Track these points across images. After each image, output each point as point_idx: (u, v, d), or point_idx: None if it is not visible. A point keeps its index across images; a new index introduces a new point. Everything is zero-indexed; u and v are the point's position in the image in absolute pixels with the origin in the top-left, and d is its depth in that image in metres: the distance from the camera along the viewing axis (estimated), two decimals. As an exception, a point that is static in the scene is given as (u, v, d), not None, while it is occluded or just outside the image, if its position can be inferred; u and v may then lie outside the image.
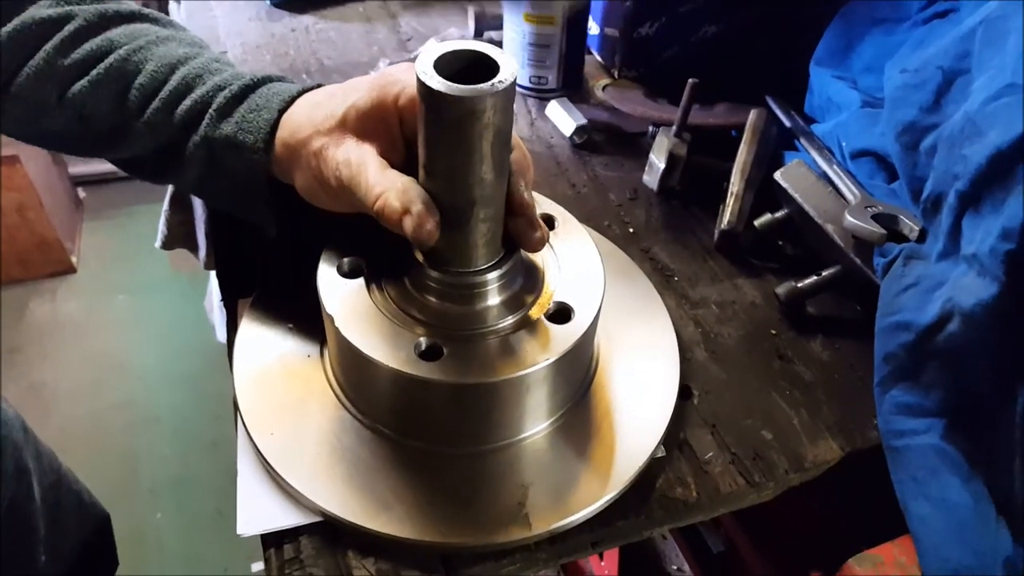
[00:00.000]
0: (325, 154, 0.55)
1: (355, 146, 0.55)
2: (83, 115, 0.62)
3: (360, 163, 0.54)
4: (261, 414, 0.60)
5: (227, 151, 0.60)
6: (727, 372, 0.68)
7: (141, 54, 0.62)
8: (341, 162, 0.54)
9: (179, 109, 0.61)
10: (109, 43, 0.62)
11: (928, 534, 0.56)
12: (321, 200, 0.58)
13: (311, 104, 0.59)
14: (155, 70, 0.61)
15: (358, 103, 0.56)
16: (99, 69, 0.61)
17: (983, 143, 0.55)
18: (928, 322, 0.57)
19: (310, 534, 0.55)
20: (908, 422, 0.58)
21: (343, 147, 0.55)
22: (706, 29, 0.99)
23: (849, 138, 0.76)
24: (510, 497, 0.56)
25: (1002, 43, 0.57)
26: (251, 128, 0.59)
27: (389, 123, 0.56)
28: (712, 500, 0.59)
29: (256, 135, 0.59)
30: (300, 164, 0.57)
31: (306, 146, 0.56)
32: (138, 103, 0.61)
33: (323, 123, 0.56)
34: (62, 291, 2.61)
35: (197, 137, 0.60)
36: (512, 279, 0.59)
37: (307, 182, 0.58)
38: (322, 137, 0.56)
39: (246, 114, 0.60)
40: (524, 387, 0.56)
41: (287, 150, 0.58)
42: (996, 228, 0.53)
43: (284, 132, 0.58)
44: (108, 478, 2.00)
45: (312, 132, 0.56)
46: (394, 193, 0.52)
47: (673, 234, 0.81)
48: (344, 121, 0.56)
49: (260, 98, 0.60)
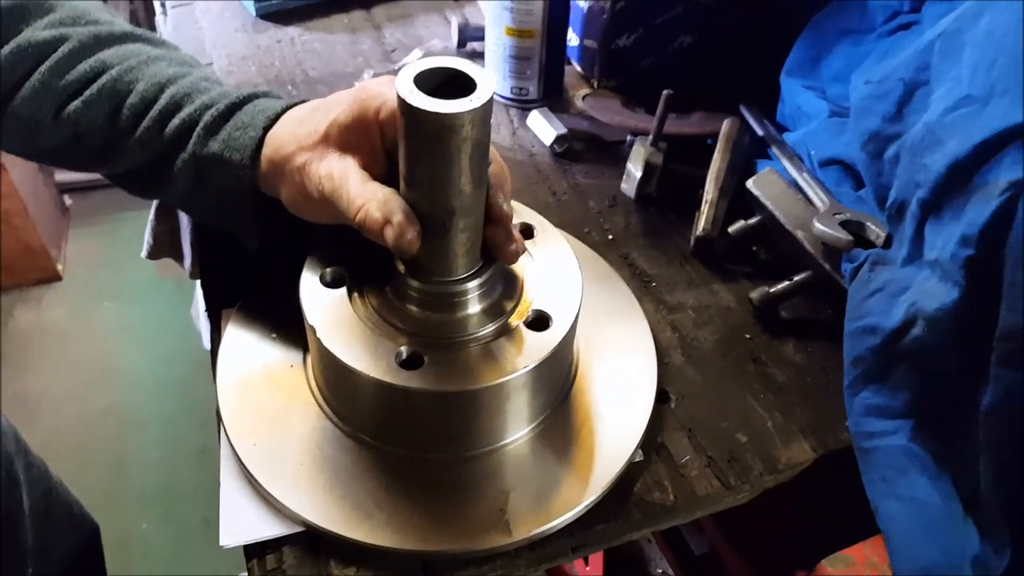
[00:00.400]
0: (308, 169, 0.57)
1: (337, 160, 0.57)
2: (77, 132, 0.64)
3: (342, 176, 0.55)
4: (243, 423, 0.61)
5: (214, 167, 0.62)
6: (703, 376, 0.69)
7: (132, 74, 0.64)
8: (324, 176, 0.56)
9: (168, 127, 0.62)
10: (102, 64, 0.64)
11: (898, 533, 0.57)
12: (307, 213, 0.60)
13: (295, 120, 0.60)
14: (145, 89, 0.63)
15: (339, 118, 0.57)
16: (92, 89, 0.63)
17: (942, 152, 0.56)
18: (894, 326, 0.58)
19: (292, 544, 0.56)
20: (877, 423, 0.60)
21: (326, 161, 0.57)
22: (682, 39, 1.00)
23: (818, 146, 0.78)
24: (491, 503, 0.57)
25: (958, 56, 0.59)
26: (237, 145, 0.61)
27: (370, 136, 0.57)
28: (689, 503, 0.60)
29: (242, 152, 0.60)
30: (285, 179, 0.59)
31: (290, 161, 0.58)
32: (130, 121, 0.63)
33: (306, 138, 0.58)
34: (48, 298, 2.60)
35: (185, 154, 0.62)
36: (492, 287, 0.60)
37: (292, 196, 0.59)
38: (305, 152, 0.58)
39: (232, 132, 0.61)
40: (504, 394, 0.57)
41: (272, 166, 0.60)
42: (956, 234, 0.54)
43: (269, 149, 0.60)
44: (95, 486, 1.99)
45: (296, 148, 0.58)
46: (375, 204, 0.53)
47: (651, 240, 0.83)
48: (327, 136, 0.57)
49: (246, 115, 0.62)
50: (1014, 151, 0.52)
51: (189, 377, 2.30)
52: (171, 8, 1.17)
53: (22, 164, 2.48)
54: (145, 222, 1.20)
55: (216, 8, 1.17)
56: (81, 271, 2.70)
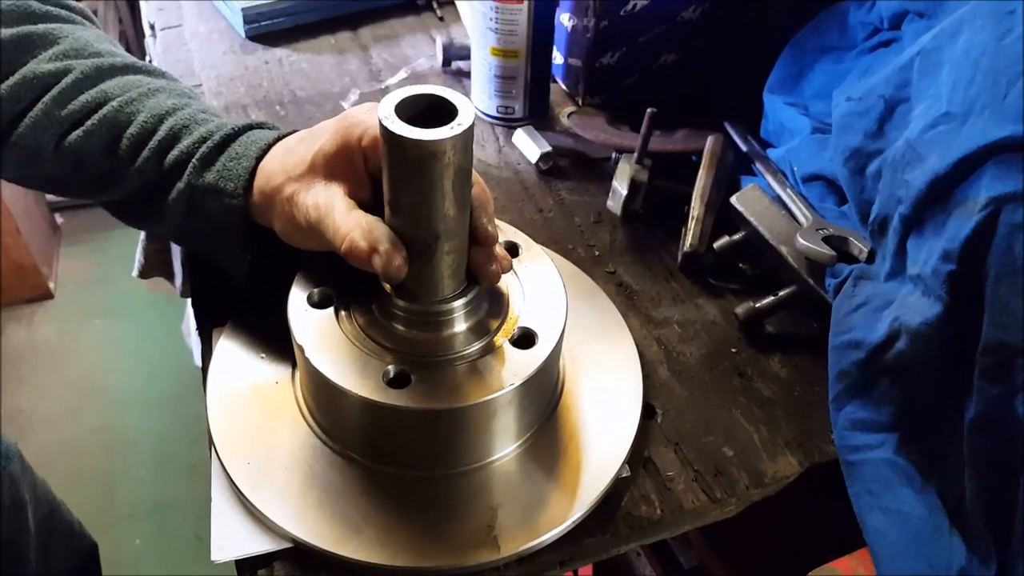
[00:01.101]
0: (296, 199, 0.58)
1: (323, 188, 0.58)
2: (78, 161, 0.65)
3: (328, 205, 0.56)
4: (233, 441, 0.61)
5: (208, 197, 0.63)
6: (689, 390, 0.70)
7: (133, 105, 0.65)
8: (311, 206, 0.57)
9: (167, 159, 0.64)
10: (103, 95, 0.65)
11: (884, 545, 0.57)
12: (298, 242, 0.61)
13: (284, 151, 0.62)
14: (145, 121, 0.64)
15: (324, 147, 0.58)
16: (93, 120, 0.64)
17: (923, 168, 0.57)
18: (878, 340, 0.59)
19: (283, 560, 0.56)
20: (862, 437, 0.60)
21: (312, 191, 0.58)
22: (665, 57, 1.01)
23: (800, 162, 0.78)
24: (479, 520, 0.57)
25: (937, 73, 0.60)
26: (231, 176, 0.62)
27: (354, 163, 0.58)
28: (676, 517, 0.61)
29: (235, 182, 0.62)
30: (276, 210, 0.60)
31: (280, 192, 0.59)
32: (129, 152, 0.64)
33: (294, 168, 0.59)
34: (39, 316, 2.59)
35: (181, 184, 0.63)
36: (477, 306, 0.61)
37: (284, 227, 0.61)
38: (293, 183, 0.59)
39: (227, 162, 0.63)
40: (491, 411, 0.57)
41: (264, 198, 0.61)
42: (938, 250, 0.55)
43: (260, 180, 0.61)
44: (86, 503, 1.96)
45: (285, 179, 0.59)
46: (359, 233, 0.54)
47: (636, 256, 0.83)
48: (312, 165, 0.58)
49: (240, 146, 0.63)
50: (993, 167, 0.52)
51: (180, 394, 2.30)
52: (160, 31, 1.18)
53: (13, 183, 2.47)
54: (136, 240, 1.21)
55: (204, 30, 1.18)
56: (72, 289, 2.69)
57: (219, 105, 1.02)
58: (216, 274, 0.72)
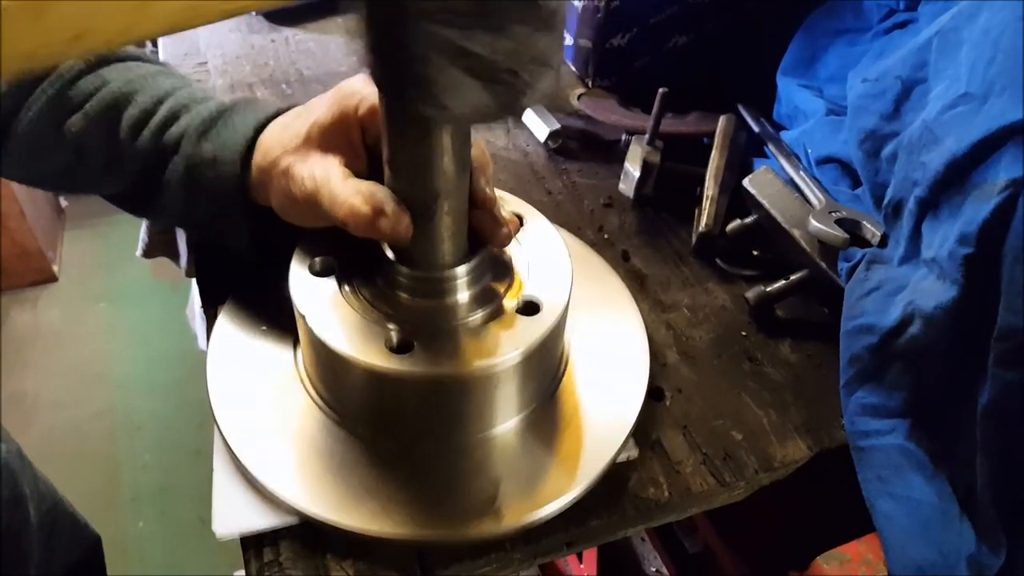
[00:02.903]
0: (292, 171, 0.57)
1: (319, 160, 0.57)
2: (79, 148, 0.65)
3: (324, 176, 0.56)
4: (234, 413, 0.61)
5: (206, 169, 0.62)
6: (698, 374, 0.69)
7: (132, 86, 0.65)
8: (306, 177, 0.56)
9: (166, 136, 0.63)
10: (102, 80, 0.65)
11: (894, 532, 0.57)
12: (294, 217, 0.60)
13: (280, 126, 0.61)
14: (144, 102, 0.64)
15: (320, 119, 0.58)
16: (93, 103, 0.64)
17: (940, 150, 0.56)
18: (890, 325, 0.58)
19: (289, 537, 0.56)
20: (873, 423, 0.60)
21: (308, 163, 0.57)
22: (676, 39, 1.00)
23: (814, 145, 0.78)
24: (481, 491, 0.57)
25: (956, 53, 0.59)
26: (228, 144, 0.61)
27: (351, 134, 0.58)
28: (684, 500, 0.60)
29: (233, 150, 0.61)
30: (273, 185, 0.60)
31: (276, 166, 0.59)
32: (130, 132, 0.64)
33: (290, 142, 0.59)
34: (43, 300, 2.60)
35: (179, 158, 0.63)
36: (481, 274, 0.60)
37: (280, 201, 0.60)
38: (289, 156, 0.58)
39: (223, 132, 0.62)
40: (494, 379, 0.57)
41: (261, 173, 0.60)
42: (954, 233, 0.54)
43: (258, 156, 0.61)
44: (90, 487, 1.99)
45: (281, 152, 0.59)
46: (360, 199, 0.53)
47: (646, 239, 0.82)
48: (308, 137, 0.58)
49: (237, 117, 0.63)
50: (1013, 149, 0.52)
51: (184, 379, 2.30)
52: (167, 8, 1.17)
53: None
54: (140, 224, 1.20)
55: (211, 8, 1.17)
56: (77, 272, 2.70)
57: (225, 84, 1.01)
58: (221, 253, 0.72)
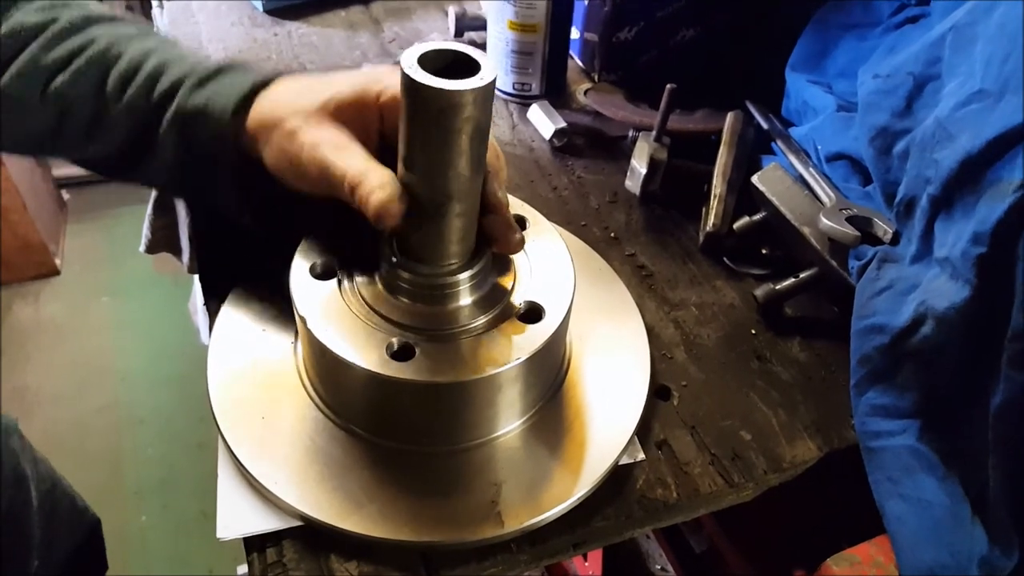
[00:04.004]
0: (298, 133, 0.57)
1: (332, 128, 0.57)
2: (64, 108, 0.63)
3: (338, 143, 0.56)
4: (235, 416, 0.61)
5: (197, 122, 0.61)
6: (706, 373, 0.69)
7: (120, 46, 0.64)
8: (315, 142, 0.56)
9: (156, 89, 0.62)
10: (90, 39, 0.64)
11: (904, 533, 0.57)
12: (288, 178, 0.59)
13: (292, 89, 0.60)
14: (132, 57, 0.63)
15: (340, 94, 0.57)
16: (80, 60, 0.63)
17: (953, 148, 0.56)
18: (902, 325, 0.58)
19: (293, 538, 0.55)
20: (884, 423, 0.59)
21: (321, 129, 0.56)
22: (684, 33, 0.99)
23: (824, 141, 0.77)
24: (483, 495, 0.57)
25: (970, 49, 0.58)
26: (222, 95, 0.60)
27: (367, 118, 0.58)
28: (692, 501, 0.60)
29: (227, 101, 0.60)
30: (271, 142, 0.59)
31: (280, 125, 0.58)
32: (117, 88, 0.63)
33: (303, 106, 0.58)
34: (45, 293, 2.59)
35: (170, 113, 0.62)
36: (483, 279, 0.60)
37: (277, 160, 0.59)
38: (298, 118, 0.57)
39: (219, 86, 0.61)
40: (496, 386, 0.56)
41: (261, 128, 0.59)
42: (967, 232, 0.53)
43: (263, 109, 0.60)
44: (92, 480, 1.98)
45: (290, 112, 0.58)
46: (376, 176, 0.53)
47: (652, 236, 0.82)
48: (324, 106, 0.57)
49: (236, 73, 0.62)
50: (1028, 147, 0.51)
51: (187, 372, 2.30)
52: (167, 1, 1.16)
53: (20, 159, 2.47)
54: (143, 217, 1.20)
55: (213, 2, 1.16)
56: (79, 266, 2.69)
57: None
58: (223, 248, 0.71)
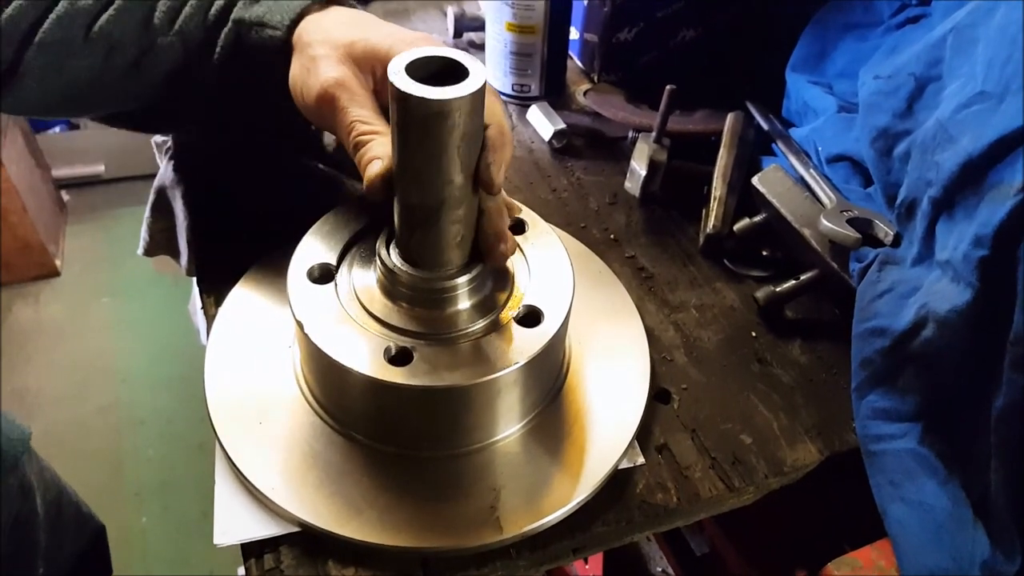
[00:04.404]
0: (320, 62, 0.59)
1: (351, 74, 0.58)
2: (109, 47, 0.64)
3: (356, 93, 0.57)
4: (232, 422, 0.60)
5: (253, 31, 0.64)
6: (706, 376, 0.68)
7: None
8: (335, 79, 0.58)
9: (212, 9, 0.64)
10: None
11: (906, 537, 0.56)
12: (300, 100, 0.61)
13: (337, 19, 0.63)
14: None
15: (371, 40, 0.59)
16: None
17: (955, 150, 0.55)
18: (903, 328, 0.57)
19: (290, 544, 0.55)
20: (885, 427, 0.59)
21: (340, 68, 0.58)
22: (684, 34, 0.99)
23: (825, 143, 0.77)
24: (482, 500, 0.56)
25: (972, 51, 0.58)
26: (280, 9, 0.63)
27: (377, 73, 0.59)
28: (692, 505, 0.59)
29: (284, 15, 0.63)
30: (298, 60, 0.61)
31: (308, 48, 0.60)
32: (166, 18, 0.64)
33: (335, 38, 0.60)
34: (45, 294, 2.59)
35: (228, 27, 0.64)
36: (482, 283, 0.60)
37: (296, 78, 0.61)
38: (326, 47, 0.59)
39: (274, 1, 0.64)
40: (494, 390, 0.56)
41: (297, 45, 0.62)
42: (969, 234, 0.53)
43: (304, 27, 0.62)
44: (93, 482, 1.98)
45: (321, 39, 0.60)
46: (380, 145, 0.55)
47: (652, 238, 0.81)
48: (352, 46, 0.59)
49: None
50: (1030, 149, 0.51)
51: (187, 374, 2.30)
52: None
53: (20, 160, 2.47)
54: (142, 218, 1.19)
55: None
56: (79, 267, 2.69)
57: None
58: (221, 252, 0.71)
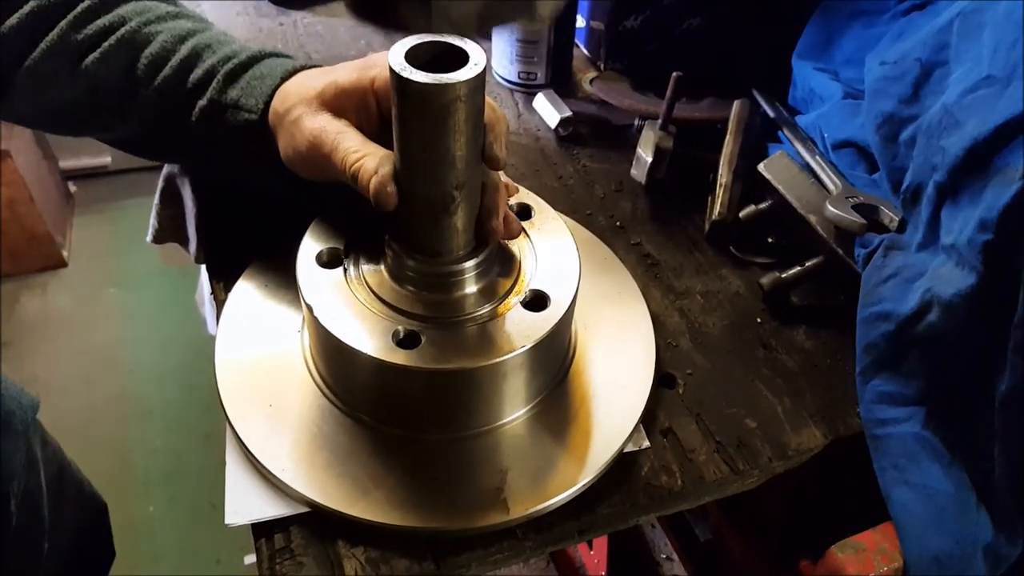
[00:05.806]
0: (301, 121, 0.60)
1: (330, 118, 0.59)
2: (94, 86, 0.66)
3: (339, 132, 0.58)
4: (242, 404, 0.61)
5: (229, 113, 0.64)
6: (711, 361, 0.69)
7: (151, 27, 0.67)
8: (317, 129, 0.59)
9: (191, 77, 0.65)
10: (120, 18, 0.66)
11: (910, 521, 0.57)
12: (297, 166, 0.62)
13: (303, 79, 0.63)
14: (165, 41, 0.66)
15: (338, 79, 0.60)
16: (111, 41, 0.65)
17: (961, 135, 0.55)
18: (908, 312, 0.58)
19: (300, 524, 0.56)
20: (889, 411, 0.59)
21: (319, 117, 0.59)
22: (690, 22, 0.99)
23: (831, 129, 0.77)
24: (488, 482, 0.57)
25: (978, 35, 0.58)
26: (253, 93, 0.64)
27: (366, 101, 0.60)
28: (697, 488, 0.60)
29: (257, 99, 0.63)
30: (282, 131, 0.62)
31: (288, 114, 0.61)
32: (148, 71, 0.65)
33: (305, 95, 0.61)
34: (53, 285, 2.60)
35: (204, 102, 0.65)
36: (489, 267, 0.60)
37: (285, 148, 0.62)
38: (302, 107, 0.60)
39: (251, 80, 0.64)
40: (501, 374, 0.57)
41: (276, 118, 0.63)
42: (974, 219, 0.53)
43: (276, 101, 0.63)
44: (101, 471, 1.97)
45: (296, 102, 0.61)
46: (372, 161, 0.55)
47: (659, 225, 0.82)
48: (322, 94, 0.60)
49: (265, 67, 0.65)
50: (1035, 134, 0.51)
51: (194, 364, 2.31)
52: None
53: (27, 151, 2.47)
54: (150, 208, 1.20)
55: (218, -8, 1.16)
56: (86, 258, 2.70)
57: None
58: (230, 238, 0.71)
